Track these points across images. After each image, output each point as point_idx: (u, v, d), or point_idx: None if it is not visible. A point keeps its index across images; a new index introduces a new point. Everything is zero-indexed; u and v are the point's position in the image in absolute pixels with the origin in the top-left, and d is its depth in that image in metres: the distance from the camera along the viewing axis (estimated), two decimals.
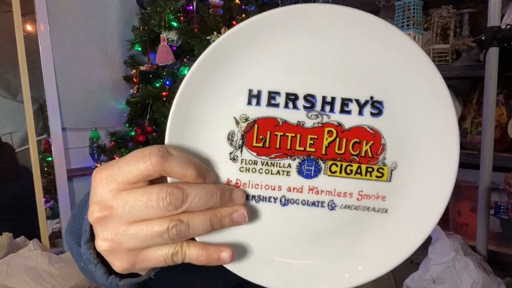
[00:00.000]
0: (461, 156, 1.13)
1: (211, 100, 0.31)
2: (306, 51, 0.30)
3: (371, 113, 0.31)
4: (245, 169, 0.32)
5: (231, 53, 0.30)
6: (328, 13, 0.29)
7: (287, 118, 0.31)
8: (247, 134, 0.31)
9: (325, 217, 0.32)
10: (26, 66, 1.66)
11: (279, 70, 0.31)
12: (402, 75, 0.30)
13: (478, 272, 1.29)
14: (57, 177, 1.76)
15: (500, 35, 1.45)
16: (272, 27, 0.29)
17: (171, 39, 1.60)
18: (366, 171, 0.32)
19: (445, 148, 0.31)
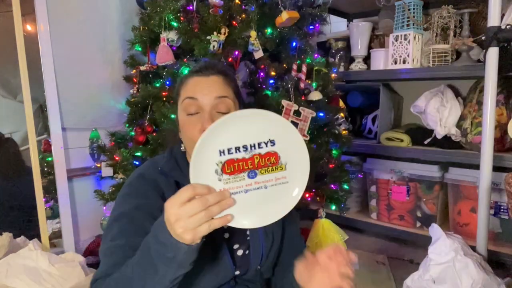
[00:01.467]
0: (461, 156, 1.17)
1: (206, 155, 0.67)
2: (240, 132, 0.69)
3: (271, 144, 0.70)
4: (226, 183, 0.68)
5: (211, 137, 0.67)
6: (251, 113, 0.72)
7: (237, 157, 0.68)
8: (222, 168, 0.68)
9: (263, 192, 0.71)
10: (26, 66, 1.66)
11: (231, 140, 0.68)
12: (279, 129, 0.71)
13: (478, 272, 1.29)
14: (57, 177, 1.76)
15: (500, 35, 1.45)
16: (229, 125, 0.68)
17: (171, 39, 1.60)
18: (276, 168, 0.71)
19: (301, 151, 0.71)
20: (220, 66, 0.95)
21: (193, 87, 0.90)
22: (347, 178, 1.80)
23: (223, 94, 0.89)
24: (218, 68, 0.93)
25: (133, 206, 0.85)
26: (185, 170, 0.91)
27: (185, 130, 0.90)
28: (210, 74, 0.91)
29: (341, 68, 2.43)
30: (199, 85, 0.90)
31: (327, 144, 1.72)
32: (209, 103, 0.88)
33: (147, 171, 0.92)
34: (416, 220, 2.19)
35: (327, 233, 1.70)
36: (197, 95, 0.88)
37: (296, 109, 1.61)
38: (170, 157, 0.95)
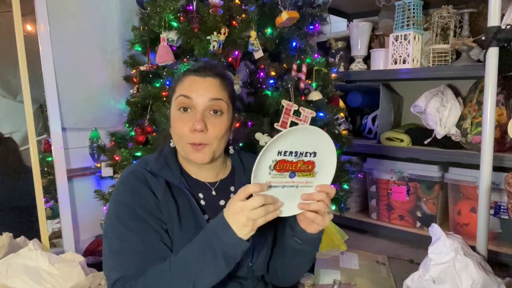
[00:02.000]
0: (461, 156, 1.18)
1: (270, 152, 0.78)
2: (297, 141, 0.80)
3: (313, 156, 0.83)
4: (272, 176, 0.81)
5: (279, 139, 0.78)
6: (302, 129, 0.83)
7: (288, 159, 0.80)
8: (275, 165, 0.80)
9: (294, 190, 0.84)
10: (26, 66, 1.66)
11: (288, 145, 0.80)
12: (324, 146, 0.84)
13: (478, 272, 1.29)
14: (57, 177, 1.76)
15: (500, 35, 1.45)
16: (292, 133, 0.79)
17: (171, 39, 1.60)
18: (309, 174, 0.84)
19: (330, 165, 0.87)
20: (218, 69, 0.95)
21: (189, 86, 0.91)
22: (347, 178, 1.80)
23: (217, 96, 0.90)
24: (216, 70, 0.94)
25: (131, 203, 0.87)
26: (174, 168, 0.94)
27: (175, 126, 0.92)
28: (207, 75, 0.92)
29: (341, 68, 2.43)
30: (195, 85, 0.91)
31: None
32: (202, 104, 0.89)
33: (139, 170, 0.93)
34: (416, 220, 2.19)
35: (327, 233, 1.70)
36: (192, 94, 0.89)
37: (296, 109, 1.61)
38: (159, 156, 0.96)
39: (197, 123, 0.88)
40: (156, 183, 0.91)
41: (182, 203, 0.92)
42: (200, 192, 0.98)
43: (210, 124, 0.90)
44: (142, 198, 0.88)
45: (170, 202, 0.90)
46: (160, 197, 0.89)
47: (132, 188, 0.89)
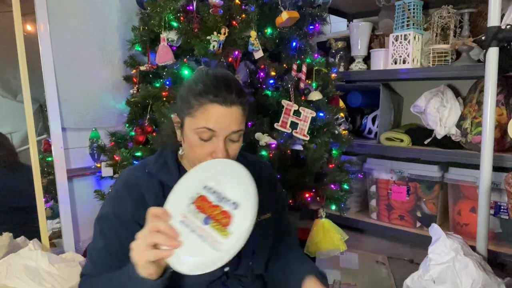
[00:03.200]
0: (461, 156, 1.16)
1: (197, 179, 0.75)
2: (229, 181, 0.73)
3: (233, 206, 0.70)
4: (188, 211, 0.70)
5: (205, 171, 0.76)
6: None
7: (210, 198, 0.72)
8: (196, 199, 0.70)
9: (199, 242, 0.68)
10: (26, 66, 1.66)
11: (218, 181, 0.73)
12: (249, 202, 0.71)
13: (478, 272, 1.29)
14: (57, 177, 1.76)
15: (500, 35, 1.45)
16: (227, 170, 0.75)
17: (171, 39, 1.60)
18: (220, 230, 0.67)
19: (244, 235, 0.67)
20: (240, 91, 0.89)
21: (215, 118, 0.85)
22: (347, 178, 1.80)
23: (240, 128, 0.88)
24: (239, 95, 0.87)
25: (112, 211, 0.91)
26: (174, 171, 0.94)
27: (193, 150, 0.89)
28: (232, 104, 0.86)
29: (341, 68, 2.43)
30: (220, 117, 0.85)
31: (327, 144, 1.72)
32: (225, 134, 0.87)
33: (133, 173, 0.94)
34: (416, 220, 2.19)
35: (327, 233, 1.70)
36: (216, 127, 0.85)
37: (296, 109, 1.61)
38: (158, 158, 0.96)
39: (220, 154, 0.86)
40: (149, 185, 0.92)
41: None
42: None
43: (230, 149, 0.89)
44: (121, 211, 0.90)
45: (161, 203, 0.89)
46: (152, 198, 0.90)
47: (116, 199, 0.92)
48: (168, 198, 0.72)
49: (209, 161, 0.77)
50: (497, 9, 1.46)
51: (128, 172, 0.96)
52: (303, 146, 1.67)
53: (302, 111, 1.61)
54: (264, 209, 1.02)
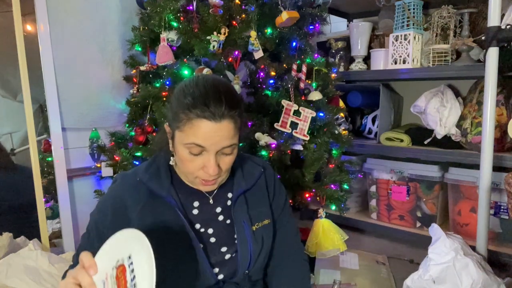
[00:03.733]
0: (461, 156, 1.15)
1: (119, 249, 0.69)
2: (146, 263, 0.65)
3: None
4: (111, 277, 0.66)
5: (136, 241, 0.68)
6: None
7: (128, 272, 0.66)
8: (117, 268, 0.66)
9: None
10: (26, 66, 1.66)
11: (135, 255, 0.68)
12: None
13: (478, 272, 1.29)
14: (57, 177, 1.76)
15: (500, 35, 1.45)
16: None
17: (171, 39, 1.60)
18: None
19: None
20: (231, 103, 0.82)
21: (204, 134, 0.81)
22: (347, 178, 1.80)
23: (232, 142, 0.84)
24: (231, 107, 0.81)
25: (94, 218, 0.95)
26: (165, 181, 0.92)
27: (184, 164, 0.87)
28: (222, 118, 0.81)
29: (341, 68, 2.43)
30: (209, 133, 0.81)
31: (327, 144, 1.72)
32: (216, 149, 0.83)
33: (122, 183, 0.93)
34: (416, 220, 2.19)
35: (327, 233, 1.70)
36: (206, 143, 0.81)
37: (296, 109, 1.61)
38: (150, 165, 0.94)
39: (211, 169, 0.83)
40: (136, 198, 0.90)
41: (169, 213, 0.90)
42: (195, 200, 0.95)
43: (222, 162, 0.86)
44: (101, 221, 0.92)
45: (147, 215, 0.89)
46: (137, 210, 0.89)
47: (101, 207, 0.95)
48: (104, 245, 0.69)
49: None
50: (497, 9, 1.46)
51: (119, 181, 0.94)
52: (303, 146, 1.67)
53: (302, 111, 1.61)
54: (263, 215, 1.00)
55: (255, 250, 0.95)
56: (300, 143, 1.66)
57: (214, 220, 0.96)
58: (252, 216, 0.98)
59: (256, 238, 0.96)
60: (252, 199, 1.00)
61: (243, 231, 0.95)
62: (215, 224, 0.96)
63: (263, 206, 1.02)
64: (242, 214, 0.96)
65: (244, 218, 0.96)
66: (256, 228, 0.98)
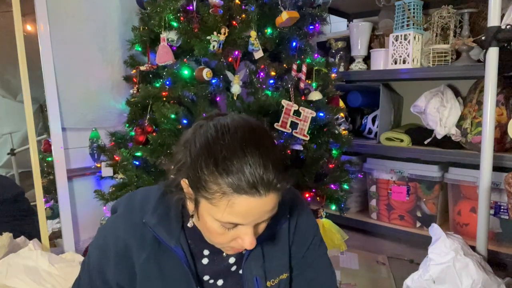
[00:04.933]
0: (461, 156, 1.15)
1: None
2: None
3: None
4: None
5: None
6: None
7: None
8: None
9: None
10: (26, 66, 1.66)
11: None
12: None
13: (478, 272, 1.29)
14: (57, 177, 1.76)
15: (500, 35, 1.45)
16: None
17: (171, 39, 1.60)
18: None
19: None
20: (278, 170, 0.65)
21: (245, 211, 0.65)
22: (347, 178, 1.80)
23: (272, 214, 0.69)
24: (274, 179, 0.64)
25: (96, 262, 0.81)
26: (174, 225, 0.78)
27: (212, 235, 0.72)
28: (267, 192, 0.64)
29: (341, 68, 2.43)
30: (252, 210, 0.65)
31: (327, 144, 1.72)
32: (256, 223, 0.69)
33: (125, 221, 0.79)
34: (416, 220, 2.19)
35: (327, 233, 1.70)
36: (247, 221, 0.67)
37: (296, 109, 1.61)
38: (158, 206, 0.78)
39: (248, 244, 0.69)
40: (141, 242, 0.77)
41: (175, 265, 0.78)
42: (206, 248, 0.81)
43: (259, 230, 0.73)
44: (103, 270, 0.79)
45: (152, 268, 0.77)
46: (142, 257, 0.77)
47: (101, 255, 0.80)
48: None
49: None
50: (497, 9, 1.46)
51: (121, 219, 0.80)
52: (303, 146, 1.67)
53: (302, 111, 1.61)
54: (281, 268, 0.85)
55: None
56: (300, 143, 1.66)
57: (226, 271, 0.84)
58: (268, 271, 0.83)
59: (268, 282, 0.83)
60: (270, 250, 0.84)
61: None
62: (227, 274, 0.84)
63: (282, 258, 0.86)
64: (255, 269, 0.82)
65: (257, 273, 0.82)
66: (271, 285, 0.84)
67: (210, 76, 1.53)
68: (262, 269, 0.82)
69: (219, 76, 1.58)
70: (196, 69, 1.55)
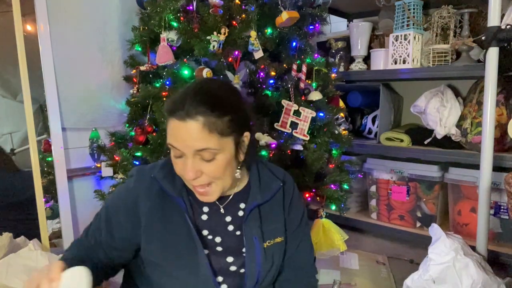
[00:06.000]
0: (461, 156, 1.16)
1: None
2: None
3: None
4: None
5: None
6: None
7: None
8: None
9: None
10: (26, 66, 1.66)
11: None
12: None
13: (478, 272, 1.29)
14: (57, 177, 1.76)
15: (500, 35, 1.45)
16: None
17: (171, 39, 1.60)
18: None
19: None
20: (206, 102, 0.79)
21: (173, 133, 0.81)
22: (347, 178, 1.80)
23: (202, 146, 0.79)
24: (197, 107, 0.78)
25: (107, 208, 0.94)
26: (178, 179, 0.90)
27: (173, 165, 0.87)
28: (186, 117, 0.78)
29: (341, 68, 2.43)
30: (177, 132, 0.80)
31: (327, 144, 1.72)
32: (190, 152, 0.80)
33: (138, 177, 0.93)
34: (416, 220, 2.19)
35: (327, 233, 1.71)
36: (176, 144, 0.81)
37: (296, 109, 1.61)
38: (166, 164, 0.92)
39: (186, 173, 0.82)
40: (149, 193, 0.90)
41: (177, 215, 0.89)
42: (205, 205, 0.93)
43: (205, 169, 0.82)
44: (115, 211, 0.92)
45: (156, 215, 0.89)
46: (148, 206, 0.89)
47: (115, 199, 0.95)
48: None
49: None
50: (497, 9, 1.46)
51: (135, 176, 0.94)
52: (303, 146, 1.67)
53: (302, 111, 1.61)
54: (277, 232, 0.95)
55: (264, 267, 0.91)
56: (300, 143, 1.66)
57: (223, 229, 0.93)
58: (265, 233, 0.93)
59: (267, 255, 0.92)
60: (267, 214, 0.95)
61: (253, 248, 0.91)
62: (224, 233, 0.93)
63: (277, 222, 0.96)
64: (254, 230, 0.91)
65: (255, 233, 0.91)
66: (268, 245, 0.93)
67: (210, 76, 1.53)
68: (259, 230, 0.92)
69: (219, 76, 1.58)
70: (196, 69, 1.55)
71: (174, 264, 0.88)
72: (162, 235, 0.88)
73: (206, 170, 0.82)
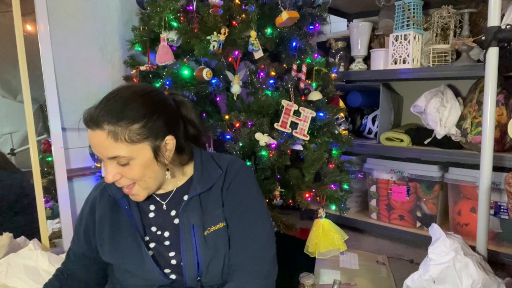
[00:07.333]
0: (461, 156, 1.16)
1: None
2: None
3: None
4: None
5: None
6: None
7: None
8: None
9: None
10: (26, 66, 1.66)
11: None
12: None
13: (478, 272, 1.29)
14: (57, 177, 1.76)
15: (500, 35, 1.45)
16: None
17: (171, 39, 1.60)
18: None
19: None
20: (107, 111, 0.83)
21: (90, 141, 0.89)
22: (347, 178, 1.80)
23: (111, 154, 0.84)
24: (103, 116, 0.83)
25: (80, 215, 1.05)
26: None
27: None
28: (94, 127, 0.85)
29: (341, 68, 2.43)
30: (90, 140, 0.88)
31: (327, 144, 1.72)
32: (103, 158, 0.87)
33: (96, 185, 1.04)
34: (416, 220, 2.19)
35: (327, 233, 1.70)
36: (94, 150, 0.88)
37: (296, 109, 1.61)
38: None
39: (106, 177, 0.87)
40: (100, 199, 1.00)
41: (123, 214, 0.97)
42: (152, 204, 0.98)
43: (122, 172, 0.87)
44: (83, 216, 1.04)
45: (105, 215, 0.98)
46: (100, 212, 0.98)
47: (82, 207, 1.06)
48: None
49: None
50: (497, 9, 1.46)
51: (94, 187, 1.05)
52: (303, 146, 1.67)
53: (302, 111, 1.61)
54: (217, 218, 0.93)
55: (206, 256, 0.90)
56: (300, 143, 1.66)
57: (170, 223, 0.96)
58: (206, 220, 0.92)
59: (208, 243, 0.91)
60: (207, 202, 0.94)
61: (190, 237, 0.91)
62: (171, 227, 0.96)
63: (217, 209, 0.94)
64: (193, 218, 0.92)
65: (194, 221, 0.91)
66: (208, 232, 0.92)
67: (210, 76, 1.53)
68: (199, 218, 0.92)
69: (219, 76, 1.58)
70: (196, 69, 1.55)
71: (124, 262, 0.95)
72: (112, 237, 0.96)
73: (124, 174, 0.87)
